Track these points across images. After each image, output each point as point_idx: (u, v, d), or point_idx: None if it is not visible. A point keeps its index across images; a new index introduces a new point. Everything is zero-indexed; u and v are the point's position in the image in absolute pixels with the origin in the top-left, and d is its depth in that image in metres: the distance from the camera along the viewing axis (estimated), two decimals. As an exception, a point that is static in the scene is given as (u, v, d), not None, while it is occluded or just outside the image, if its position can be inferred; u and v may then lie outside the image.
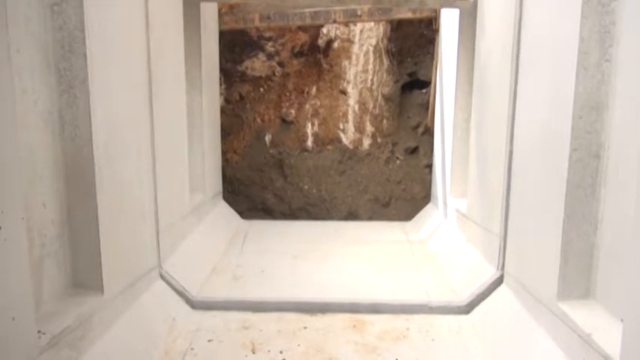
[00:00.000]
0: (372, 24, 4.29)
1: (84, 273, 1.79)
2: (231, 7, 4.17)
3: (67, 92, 1.71)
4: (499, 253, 2.28)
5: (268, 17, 4.04)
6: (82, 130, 1.74)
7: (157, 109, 2.31)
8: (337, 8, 3.91)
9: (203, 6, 3.21)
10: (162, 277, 2.38)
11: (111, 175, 1.87)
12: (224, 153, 4.27)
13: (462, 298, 2.38)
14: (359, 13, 3.88)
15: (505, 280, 2.26)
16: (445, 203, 3.45)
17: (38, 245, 1.62)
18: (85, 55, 1.69)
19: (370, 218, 4.33)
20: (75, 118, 1.73)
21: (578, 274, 1.67)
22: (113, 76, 1.90)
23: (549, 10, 1.83)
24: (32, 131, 1.59)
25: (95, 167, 1.75)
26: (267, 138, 4.43)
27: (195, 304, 2.38)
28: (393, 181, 4.38)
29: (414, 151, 4.42)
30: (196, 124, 3.21)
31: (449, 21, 3.45)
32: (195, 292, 2.47)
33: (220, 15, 3.83)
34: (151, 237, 2.32)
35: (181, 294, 2.39)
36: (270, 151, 4.41)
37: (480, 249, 2.62)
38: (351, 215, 4.34)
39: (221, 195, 4.02)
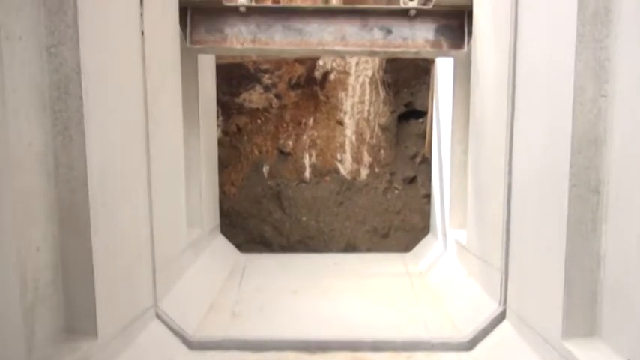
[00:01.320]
0: (369, 57, 4.33)
1: (78, 317, 1.75)
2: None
3: (62, 134, 1.71)
4: (501, 288, 2.25)
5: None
6: (77, 171, 1.72)
7: (153, 147, 2.30)
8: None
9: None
10: (158, 316, 2.33)
11: (106, 216, 1.85)
12: (221, 185, 4.25)
13: (464, 334, 2.33)
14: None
15: (507, 315, 2.22)
16: (444, 234, 3.43)
17: (31, 290, 1.59)
18: (81, 97, 1.69)
19: (369, 249, 4.29)
20: (70, 160, 1.71)
21: (582, 311, 1.64)
22: (109, 116, 1.90)
23: (544, 45, 1.84)
24: (26, 174, 1.58)
25: (90, 209, 1.73)
26: (265, 170, 4.43)
27: (192, 345, 2.33)
28: (392, 211, 4.36)
29: (412, 181, 4.41)
30: (193, 159, 3.21)
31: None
32: (193, 332, 2.42)
33: (217, 49, 3.86)
34: (147, 276, 2.28)
35: (178, 334, 2.34)
36: (268, 182, 4.40)
37: (481, 282, 2.59)
38: (350, 247, 4.30)
39: (218, 228, 3.99)
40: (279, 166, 4.42)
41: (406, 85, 4.46)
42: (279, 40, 2.95)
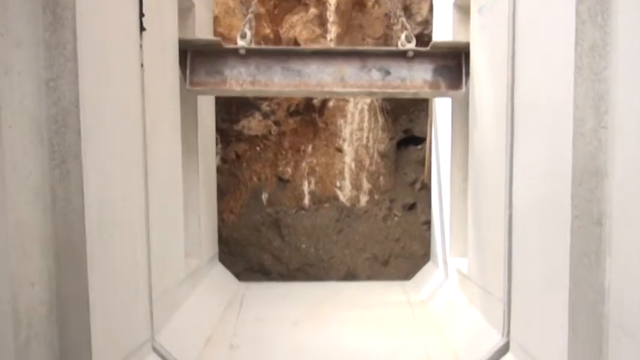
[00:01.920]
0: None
1: (73, 354, 1.71)
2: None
3: (59, 167, 1.69)
4: (504, 319, 2.21)
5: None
6: (73, 205, 1.70)
7: (152, 178, 2.29)
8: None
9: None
10: (155, 350, 2.28)
11: (103, 250, 1.82)
12: (220, 213, 4.23)
13: (468, 366, 2.29)
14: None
15: (511, 347, 2.18)
16: (445, 262, 3.40)
17: (25, 327, 1.55)
18: (79, 130, 1.68)
19: (369, 277, 4.25)
20: (67, 194, 1.69)
21: (588, 346, 1.61)
22: (107, 149, 1.89)
23: (542, 78, 1.85)
24: (22, 208, 1.56)
25: (87, 243, 1.71)
26: (264, 197, 4.41)
27: (189, 379, 2.28)
28: (392, 238, 4.33)
29: (411, 207, 4.39)
30: (192, 188, 3.19)
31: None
32: (190, 366, 2.37)
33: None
34: (144, 309, 2.24)
35: (175, 368, 2.29)
36: (267, 210, 4.37)
37: (483, 312, 2.55)
38: (350, 275, 4.26)
39: (217, 257, 3.96)
40: (278, 193, 4.41)
41: (404, 111, 4.47)
42: (279, 82, 2.97)
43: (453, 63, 2.94)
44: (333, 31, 4.33)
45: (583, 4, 1.56)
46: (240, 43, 2.96)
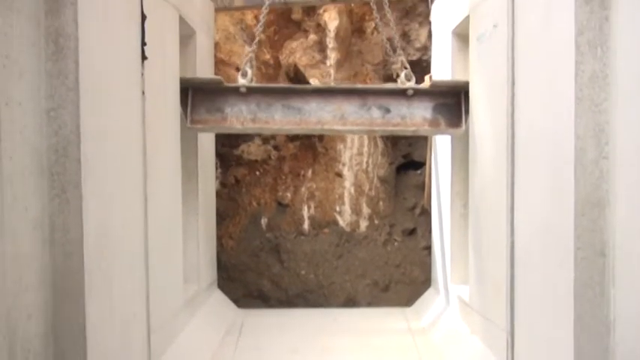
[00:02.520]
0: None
1: (68, 388, 1.68)
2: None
3: (59, 197, 1.68)
4: (507, 350, 2.18)
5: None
6: (72, 235, 1.68)
7: (151, 205, 2.28)
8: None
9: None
10: (152, 381, 2.24)
11: (101, 280, 1.80)
12: (219, 238, 4.20)
13: (471, 398, 2.25)
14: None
15: (515, 379, 2.14)
16: (446, 289, 3.36)
17: (20, 360, 1.52)
18: (79, 160, 1.67)
19: (369, 304, 4.20)
20: (66, 223, 1.68)
21: (594, 380, 1.58)
22: (107, 178, 1.88)
23: (542, 105, 1.85)
24: (21, 239, 1.54)
25: (85, 274, 1.69)
26: (263, 222, 4.38)
27: (187, 411, 2.23)
28: (392, 264, 4.29)
29: (411, 232, 4.37)
30: (191, 214, 3.17)
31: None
32: (188, 397, 2.33)
33: (217, 103, 3.90)
34: (142, 338, 2.21)
35: (172, 400, 2.24)
36: (267, 235, 4.35)
37: (485, 342, 2.51)
38: (350, 301, 4.21)
39: (216, 283, 3.91)
40: (278, 218, 4.39)
41: (404, 136, 4.48)
42: (279, 119, 2.97)
43: (453, 101, 2.95)
44: (332, 57, 4.36)
45: (582, 36, 1.58)
46: (241, 81, 2.98)
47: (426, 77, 3.91)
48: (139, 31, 2.17)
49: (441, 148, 3.57)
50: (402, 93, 2.99)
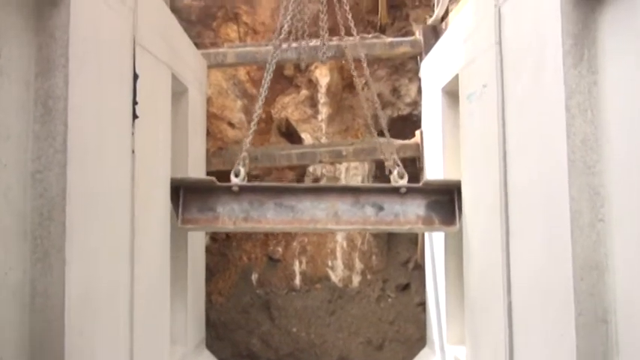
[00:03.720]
0: (358, 162, 4.38)
1: None
2: (220, 148, 4.27)
3: (41, 261, 1.62)
4: (508, 418, 2.08)
5: (256, 158, 4.11)
6: (53, 301, 1.62)
7: (138, 267, 2.21)
8: (323, 149, 4.00)
9: (191, 147, 3.26)
10: None
11: (83, 346, 1.72)
12: (208, 294, 4.09)
13: None
14: (344, 153, 3.97)
15: None
16: (442, 349, 3.26)
17: None
18: (64, 223, 1.63)
19: (363, 363, 4.07)
20: (47, 289, 1.61)
21: None
22: (92, 240, 1.82)
23: (535, 166, 1.85)
24: (-1, 307, 1.48)
25: (65, 342, 1.61)
26: (254, 277, 4.29)
27: None
28: (386, 321, 4.18)
29: (405, 288, 4.28)
30: (180, 271, 3.09)
31: (432, 158, 3.53)
32: None
33: (208, 157, 3.89)
34: (124, 408, 2.10)
35: None
36: (257, 291, 4.24)
37: (486, 407, 2.41)
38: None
39: (204, 343, 3.77)
40: (269, 274, 4.30)
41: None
42: (272, 218, 2.94)
43: (446, 198, 2.96)
44: (324, 112, 4.41)
45: (572, 99, 1.59)
46: (234, 180, 2.97)
47: (417, 132, 3.96)
48: (130, 91, 2.17)
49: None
50: (395, 191, 2.99)
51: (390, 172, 3.15)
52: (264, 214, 2.93)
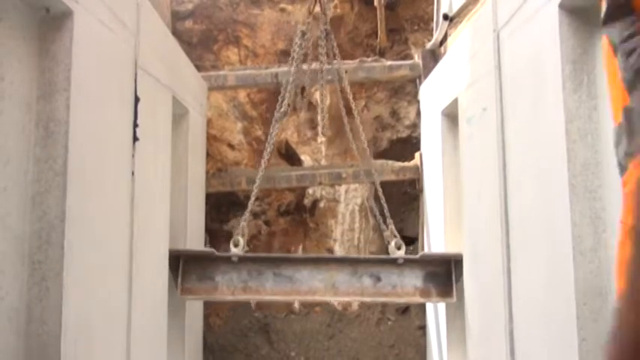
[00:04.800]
0: (357, 185, 4.38)
1: None
2: (219, 169, 4.26)
3: (38, 285, 1.60)
4: None
5: (254, 181, 4.10)
6: (50, 326, 1.59)
7: (136, 290, 2.18)
8: (323, 171, 4.01)
9: (191, 168, 3.26)
10: None
11: (78, 375, 1.69)
12: (206, 317, 4.04)
13: None
14: (344, 175, 3.97)
15: None
16: (443, 374, 3.21)
17: None
18: (62, 247, 1.61)
19: (363, 388, 4.00)
20: (43, 314, 1.59)
21: None
22: (90, 263, 1.81)
23: (536, 191, 1.84)
24: (-7, 333, 1.45)
25: (60, 368, 1.58)
26: (252, 302, 4.25)
27: None
28: (385, 345, 4.13)
29: (405, 311, 4.24)
30: (177, 298, 3.05)
31: (431, 180, 3.53)
32: None
33: (208, 178, 3.89)
34: None
35: None
36: (255, 314, 4.20)
37: None
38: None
39: (202, 366, 3.72)
40: (268, 296, 4.26)
41: (395, 211, 4.45)
42: (270, 288, 2.96)
43: (443, 270, 2.99)
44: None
45: (572, 123, 1.59)
46: (234, 250, 3.00)
47: (416, 154, 3.96)
48: (131, 113, 2.18)
49: (432, 221, 3.55)
50: (392, 262, 3.03)
51: (388, 243, 3.18)
52: (262, 284, 2.96)
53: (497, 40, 2.17)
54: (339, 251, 4.35)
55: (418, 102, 4.09)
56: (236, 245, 3.01)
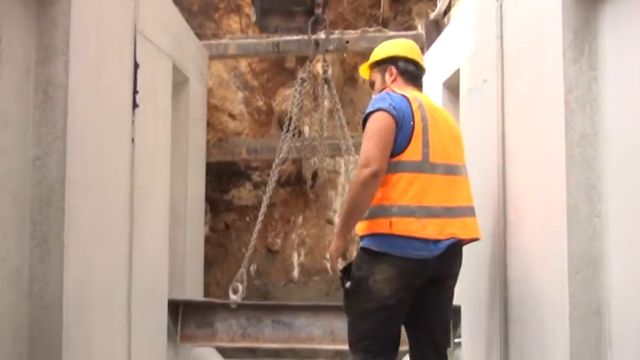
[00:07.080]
0: (357, 156, 4.38)
1: None
2: (220, 139, 4.27)
3: (39, 246, 1.63)
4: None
5: (255, 150, 4.12)
6: (52, 286, 1.63)
7: (136, 256, 2.21)
8: (323, 143, 4.00)
9: (191, 137, 3.27)
10: None
11: (80, 335, 1.73)
12: (206, 286, 4.10)
13: None
14: (344, 147, 3.97)
15: None
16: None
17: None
18: (63, 209, 1.63)
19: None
20: (45, 274, 1.62)
21: None
22: (91, 227, 1.83)
23: (533, 161, 1.85)
24: (-4, 292, 1.49)
25: (63, 328, 1.62)
26: (252, 268, 4.31)
27: None
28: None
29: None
30: (178, 262, 3.10)
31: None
32: None
33: (208, 148, 3.90)
34: (121, 395, 2.11)
35: None
36: (255, 282, 4.26)
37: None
38: (339, 354, 4.09)
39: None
40: (267, 265, 4.32)
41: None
42: (269, 336, 2.97)
43: None
44: (324, 105, 4.40)
45: (571, 94, 1.59)
46: (233, 297, 3.01)
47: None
48: (131, 80, 2.17)
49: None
50: None
51: None
52: (261, 330, 2.98)
53: (499, 9, 2.14)
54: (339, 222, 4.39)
55: (420, 73, 4.05)
56: (235, 292, 3.02)
